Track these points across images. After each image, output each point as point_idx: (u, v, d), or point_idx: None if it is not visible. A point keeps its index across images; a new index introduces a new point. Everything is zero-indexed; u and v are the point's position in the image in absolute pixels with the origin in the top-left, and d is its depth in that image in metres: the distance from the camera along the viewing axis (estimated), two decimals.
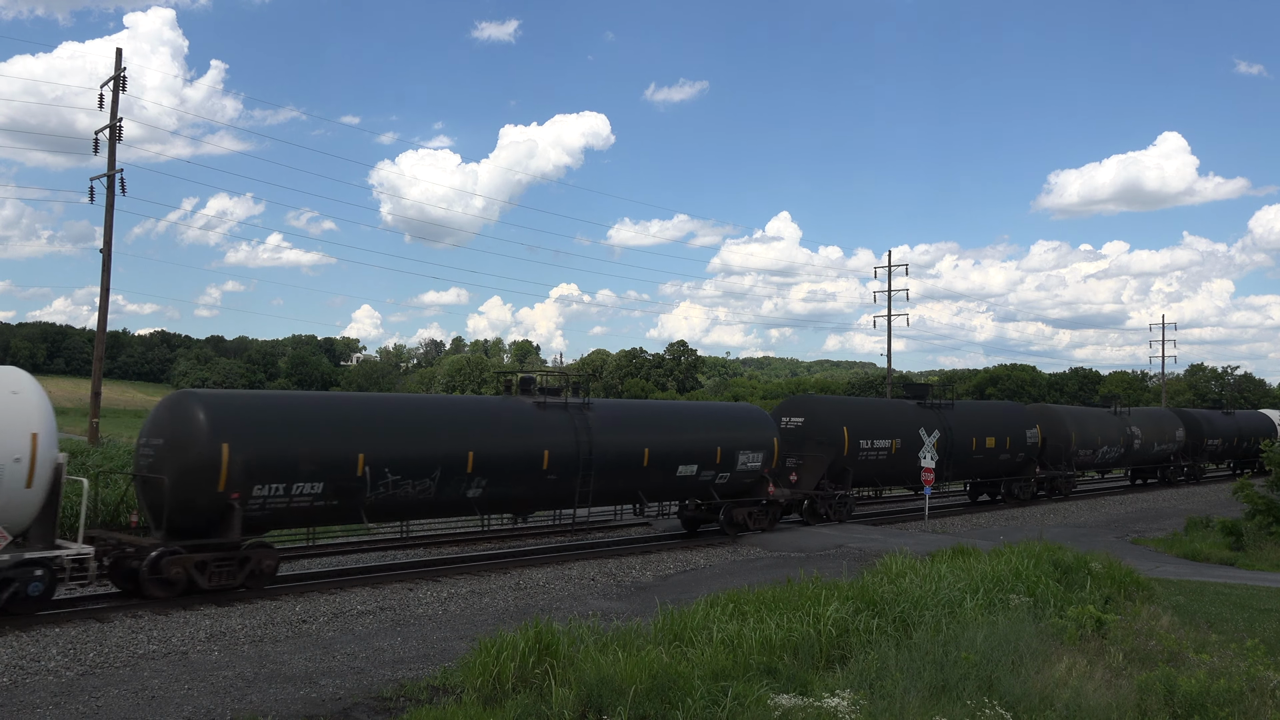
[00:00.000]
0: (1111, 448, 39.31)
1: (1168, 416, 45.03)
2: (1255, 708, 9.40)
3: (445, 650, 12.64)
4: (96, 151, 31.74)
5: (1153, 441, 42.08)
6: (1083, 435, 37.31)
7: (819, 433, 27.60)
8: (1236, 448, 50.19)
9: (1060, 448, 36.04)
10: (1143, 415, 42.59)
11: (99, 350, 31.08)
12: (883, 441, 28.85)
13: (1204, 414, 47.91)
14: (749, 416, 25.42)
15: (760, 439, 24.40)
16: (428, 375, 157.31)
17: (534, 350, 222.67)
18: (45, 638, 12.86)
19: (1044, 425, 36.04)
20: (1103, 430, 38.79)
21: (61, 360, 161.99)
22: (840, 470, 27.69)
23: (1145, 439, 41.41)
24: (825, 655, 11.37)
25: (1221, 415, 48.68)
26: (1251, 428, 51.25)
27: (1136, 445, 40.70)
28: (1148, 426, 42.02)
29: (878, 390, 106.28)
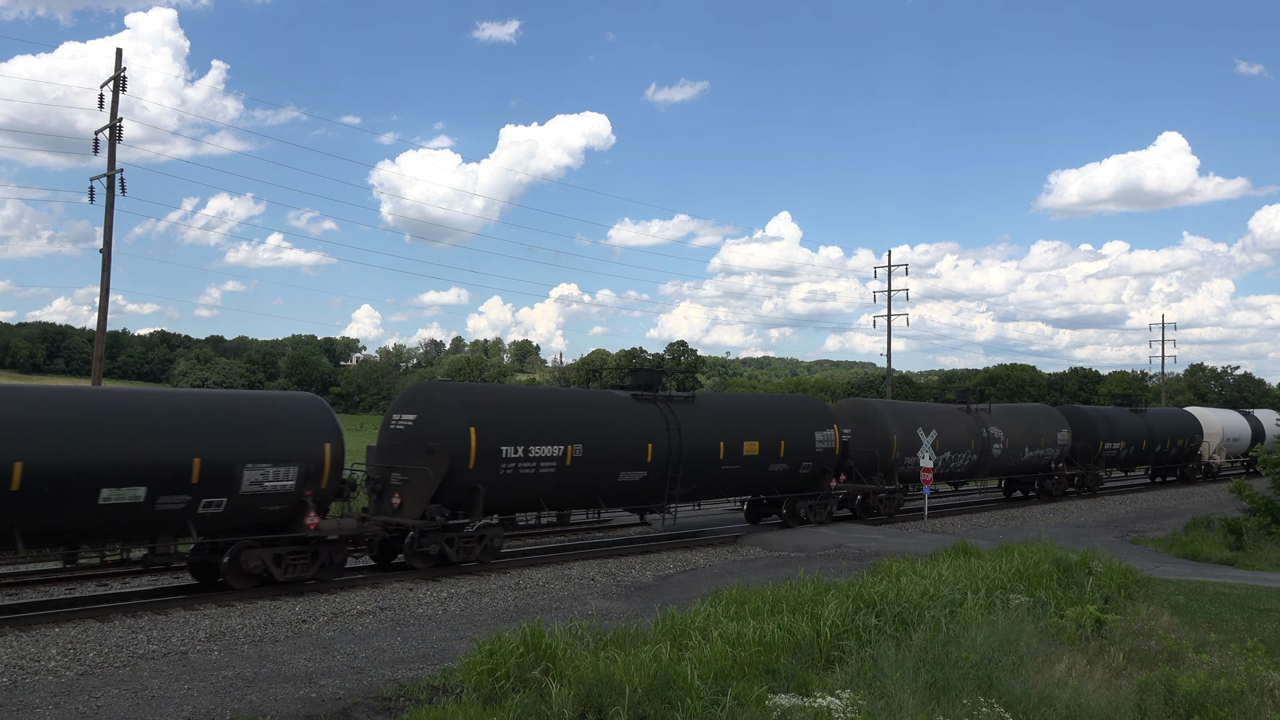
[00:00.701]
0: (958, 454, 30.93)
1: (1046, 415, 37.27)
2: (1255, 708, 9.40)
3: (445, 650, 12.64)
4: (96, 151, 31.75)
5: (1022, 446, 34.11)
6: (909, 439, 28.77)
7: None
8: (1147, 452, 42.75)
9: (878, 455, 27.98)
10: (1009, 414, 34.93)
11: (99, 350, 31.08)
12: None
13: (1100, 412, 41.11)
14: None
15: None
16: (427, 375, 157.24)
17: (534, 350, 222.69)
18: (45, 638, 12.86)
19: (855, 425, 28.40)
20: (945, 432, 30.21)
21: (61, 360, 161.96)
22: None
23: (1012, 443, 33.63)
24: (825, 655, 11.38)
25: (1128, 414, 42.44)
26: (1169, 428, 44.83)
27: (997, 450, 32.76)
28: (1015, 427, 34.13)
29: (878, 390, 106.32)
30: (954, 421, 31.29)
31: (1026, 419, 35.07)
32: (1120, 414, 41.75)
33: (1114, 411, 41.74)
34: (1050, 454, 35.65)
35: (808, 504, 25.90)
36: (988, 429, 32.36)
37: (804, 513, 25.83)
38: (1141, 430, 41.77)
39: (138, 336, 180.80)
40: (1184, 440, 45.80)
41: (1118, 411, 42.10)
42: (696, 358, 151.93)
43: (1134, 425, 41.06)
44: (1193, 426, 46.98)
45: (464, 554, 18.62)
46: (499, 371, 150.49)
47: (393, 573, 18.40)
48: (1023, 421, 34.64)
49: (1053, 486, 36.50)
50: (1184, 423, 46.68)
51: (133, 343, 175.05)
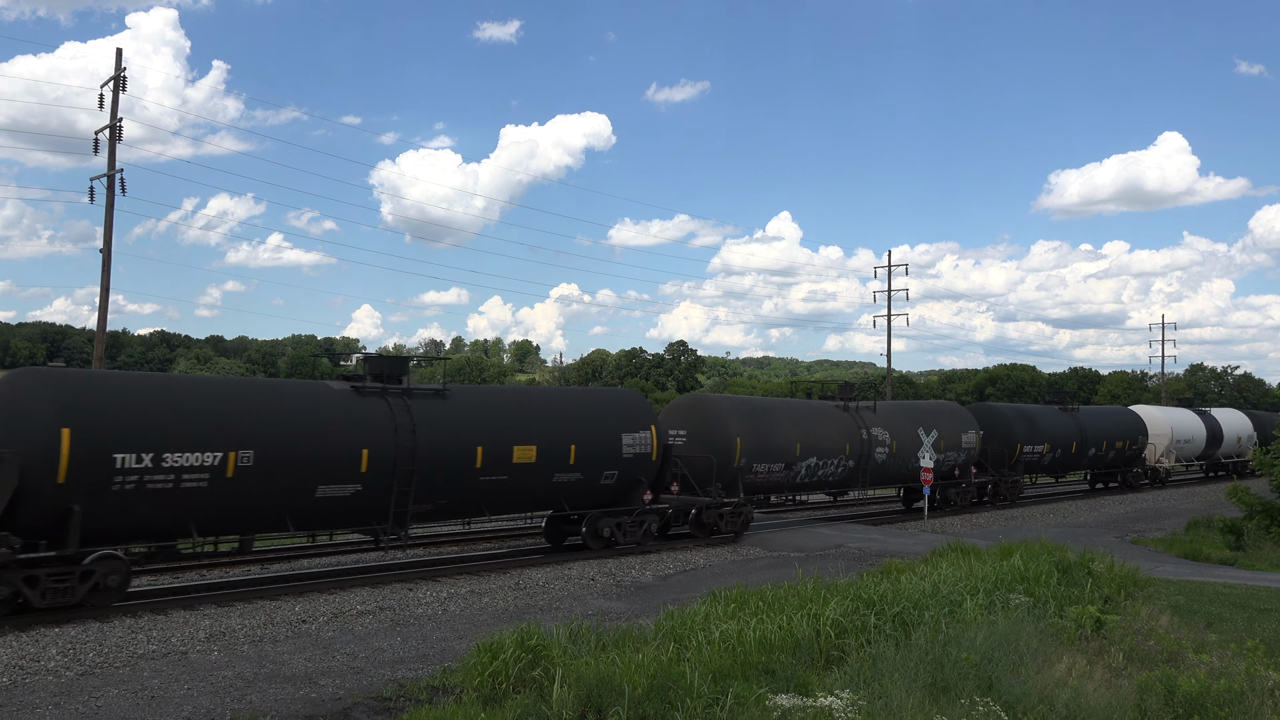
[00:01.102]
0: (827, 460, 25.95)
1: (949, 414, 31.52)
2: (1255, 708, 9.40)
3: (445, 650, 12.64)
4: (97, 151, 31.76)
5: (916, 450, 28.58)
6: (762, 443, 24.14)
7: None
8: (1078, 455, 37.88)
9: (714, 462, 22.94)
10: (898, 413, 29.49)
11: (99, 350, 31.07)
12: None
13: (1020, 411, 36.15)
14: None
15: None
16: (428, 376, 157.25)
17: (534, 350, 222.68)
18: (44, 638, 12.86)
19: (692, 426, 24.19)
20: (811, 434, 25.54)
21: (61, 360, 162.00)
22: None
23: (901, 446, 28.27)
24: (824, 655, 11.38)
25: (1056, 413, 37.48)
26: (1105, 429, 39.73)
27: (881, 455, 27.60)
28: (906, 428, 28.70)
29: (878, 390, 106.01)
30: (822, 421, 26.20)
31: (924, 418, 30.00)
32: (1046, 413, 37.00)
33: (1037, 410, 37.30)
34: (954, 459, 30.72)
35: (615, 522, 20.98)
36: (868, 430, 27.27)
37: (609, 532, 20.91)
38: (1071, 431, 36.88)
39: (138, 336, 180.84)
40: (1124, 442, 40.66)
41: (1043, 410, 37.50)
42: (696, 358, 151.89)
43: (1061, 425, 36.29)
44: (1135, 426, 41.95)
45: (56, 597, 13.99)
46: (499, 371, 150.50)
47: (393, 572, 18.40)
48: (915, 422, 29.44)
49: (957, 496, 31.72)
50: (1125, 423, 41.56)
51: (133, 343, 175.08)
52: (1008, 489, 34.13)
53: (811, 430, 25.68)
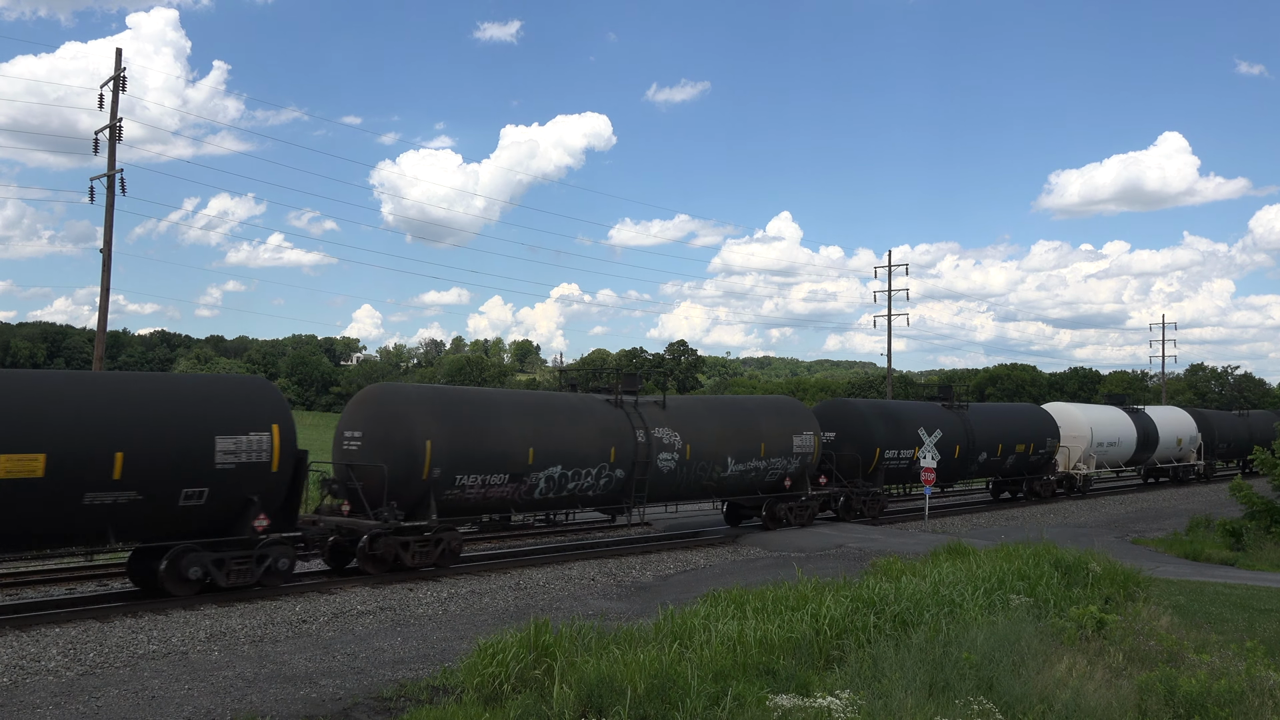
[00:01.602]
0: (584, 471, 20.47)
1: (778, 412, 25.62)
2: (1255, 708, 9.40)
3: (445, 650, 12.65)
4: (97, 152, 31.75)
5: (722, 456, 23.31)
6: (469, 447, 18.46)
7: None
8: (964, 461, 31.81)
9: (389, 475, 17.60)
10: (702, 411, 24.03)
11: (99, 350, 31.08)
12: None
13: (883, 409, 30.32)
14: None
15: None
16: (428, 375, 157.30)
17: (534, 350, 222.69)
18: (45, 638, 12.87)
19: (371, 426, 18.36)
20: (556, 438, 19.99)
21: (62, 360, 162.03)
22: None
23: (698, 451, 22.79)
24: (825, 655, 11.38)
25: (936, 410, 31.57)
26: (1002, 431, 33.63)
27: (668, 463, 22.08)
28: (707, 430, 23.23)
29: (878, 390, 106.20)
30: (575, 420, 20.48)
31: (732, 417, 24.27)
32: (921, 411, 31.18)
33: (910, 408, 31.72)
34: (780, 467, 24.87)
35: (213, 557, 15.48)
36: (650, 432, 21.64)
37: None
38: (953, 432, 30.55)
39: (138, 336, 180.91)
40: (1028, 445, 34.45)
41: (918, 408, 31.91)
42: (697, 358, 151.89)
43: (941, 426, 29.44)
44: (1043, 427, 35.77)
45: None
46: (499, 371, 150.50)
47: (392, 571, 18.38)
48: (722, 421, 23.82)
49: (788, 513, 25.56)
50: (1029, 423, 35.44)
51: (133, 342, 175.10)
52: (864, 503, 27.81)
53: (554, 431, 19.76)
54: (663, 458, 22.02)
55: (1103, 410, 41.25)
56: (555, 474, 19.93)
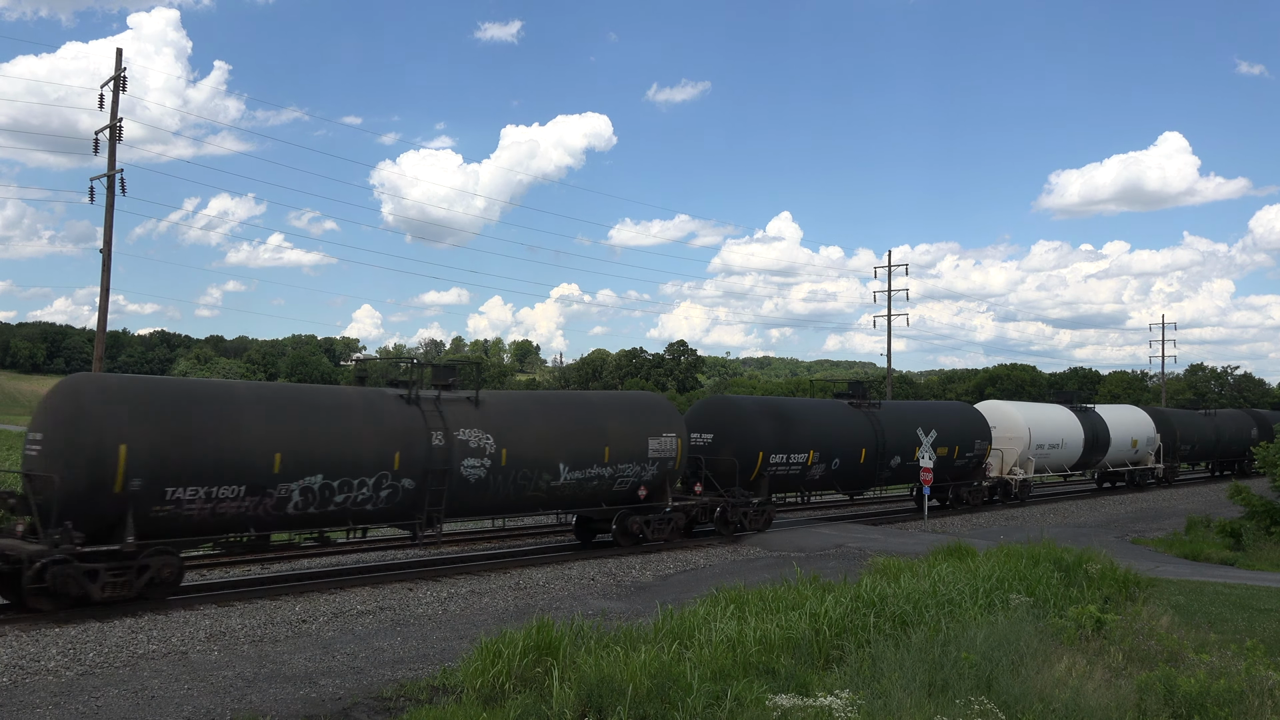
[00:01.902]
0: (353, 482, 16.90)
1: (625, 410, 21.88)
2: (1255, 708, 9.40)
3: (445, 650, 12.65)
4: (97, 152, 31.75)
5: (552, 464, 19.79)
6: (188, 454, 15.04)
7: None
8: (871, 466, 27.70)
9: (90, 489, 14.39)
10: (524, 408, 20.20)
11: (99, 350, 31.09)
12: None
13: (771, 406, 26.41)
14: None
15: None
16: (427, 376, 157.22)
17: (534, 350, 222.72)
18: (45, 638, 12.87)
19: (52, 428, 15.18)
20: (309, 442, 16.40)
21: (61, 360, 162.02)
22: None
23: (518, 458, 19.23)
24: (824, 655, 11.39)
25: (840, 409, 27.72)
26: (911, 432, 28.90)
27: (475, 471, 18.52)
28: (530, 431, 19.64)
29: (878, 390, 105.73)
30: (344, 419, 16.96)
31: (567, 417, 20.43)
32: (821, 410, 27.37)
33: (805, 406, 27.42)
34: (634, 474, 21.12)
35: None
36: (451, 433, 18.04)
37: None
38: (859, 433, 27.25)
39: (138, 336, 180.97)
40: (951, 448, 30.51)
41: (817, 406, 27.92)
42: (697, 358, 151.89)
43: (844, 427, 26.87)
44: (970, 428, 31.78)
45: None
46: (499, 371, 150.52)
47: (393, 572, 18.42)
48: (552, 421, 20.08)
49: (644, 528, 21.56)
50: (953, 423, 31.15)
51: (133, 343, 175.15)
52: (743, 515, 23.76)
53: (312, 433, 16.41)
54: (469, 464, 18.34)
55: (1045, 409, 37.40)
56: (315, 485, 16.28)
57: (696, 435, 24.39)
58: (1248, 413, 54.79)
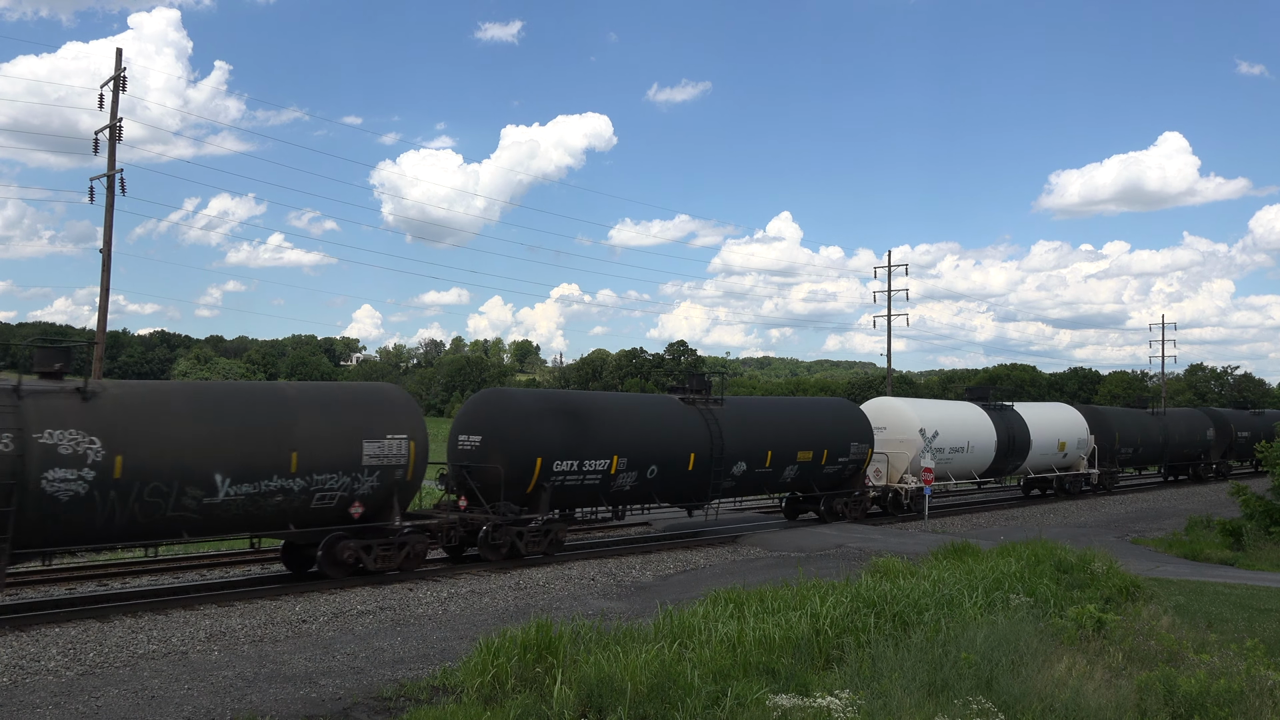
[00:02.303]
0: None
1: (320, 401, 17.46)
2: (1255, 708, 9.40)
3: (445, 650, 12.65)
4: (96, 152, 31.73)
5: (179, 484, 15.10)
6: None
7: None
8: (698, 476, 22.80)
9: None
10: (153, 406, 15.56)
11: (99, 350, 31.07)
12: None
13: (557, 402, 21.48)
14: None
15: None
16: (428, 376, 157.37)
17: (534, 350, 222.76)
18: (45, 638, 12.87)
19: None
20: None
21: None
22: None
23: (166, 471, 15.03)
24: (825, 655, 11.39)
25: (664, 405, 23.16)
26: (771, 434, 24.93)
27: (69, 489, 14.07)
28: (167, 436, 15.15)
29: (878, 391, 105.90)
30: None
31: (230, 413, 16.08)
32: (627, 407, 22.48)
33: (603, 403, 22.16)
34: (341, 487, 16.80)
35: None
36: (28, 437, 13.77)
37: None
38: (690, 436, 22.46)
39: (138, 336, 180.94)
40: (818, 453, 25.85)
41: (624, 403, 23.29)
42: (697, 358, 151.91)
43: (665, 428, 22.15)
44: (848, 430, 27.20)
45: None
46: (499, 372, 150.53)
47: (395, 570, 18.39)
48: (200, 416, 15.67)
49: (363, 553, 17.27)
50: (822, 424, 26.63)
51: (133, 343, 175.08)
52: (517, 536, 19.61)
53: None
54: (57, 478, 13.88)
55: (948, 407, 33.01)
56: None
57: (464, 438, 20.21)
58: (1204, 412, 50.63)
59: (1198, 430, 47.27)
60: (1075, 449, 37.17)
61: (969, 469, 32.12)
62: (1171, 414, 46.38)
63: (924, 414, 30.22)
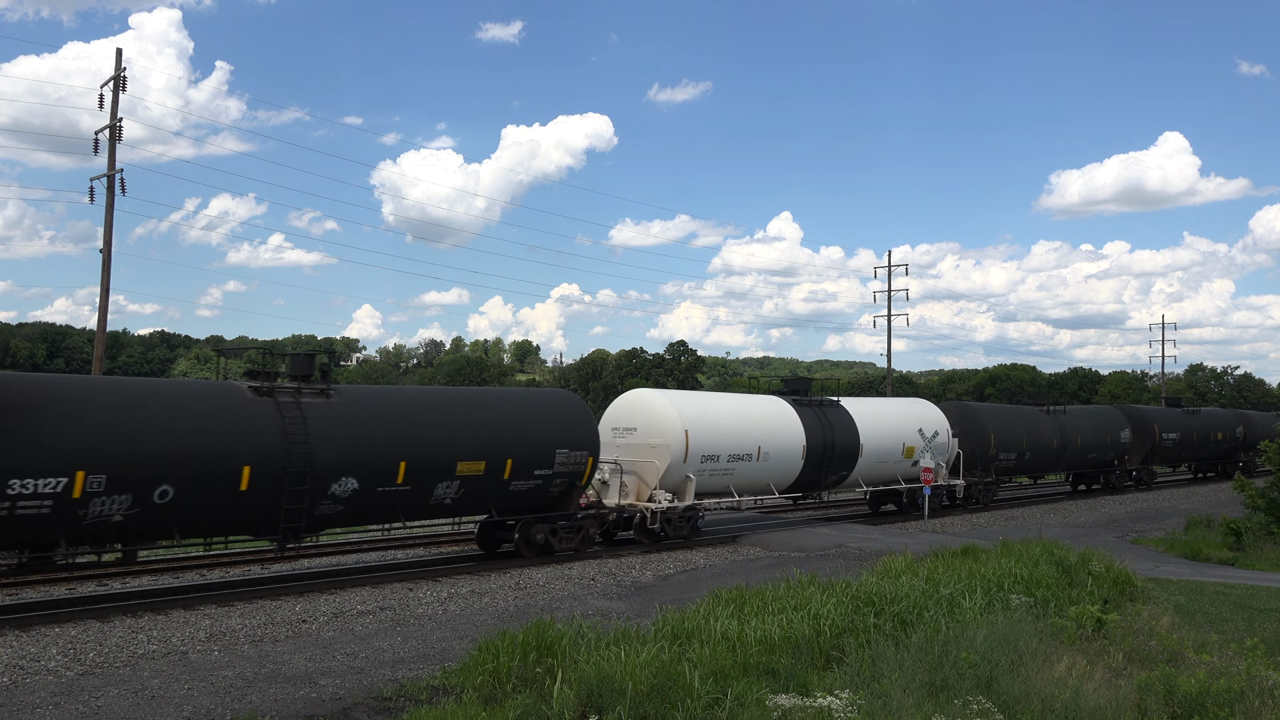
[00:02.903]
0: None
1: None
2: (1255, 708, 9.40)
3: (445, 650, 12.65)
4: (96, 152, 31.73)
5: None
6: None
7: None
8: (280, 495, 15.78)
9: None
10: None
11: (99, 350, 31.08)
12: None
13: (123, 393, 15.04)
14: None
15: None
16: (428, 376, 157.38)
17: (534, 350, 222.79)
18: (45, 638, 12.87)
19: None
20: None
21: (61, 360, 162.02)
22: None
23: None
24: (824, 655, 11.39)
25: (228, 397, 16.02)
26: (387, 437, 17.32)
27: None
28: None
29: (878, 390, 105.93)
30: None
31: None
32: (137, 396, 15.22)
33: (67, 387, 14.61)
34: None
35: None
36: None
37: None
38: (259, 441, 15.70)
39: (138, 336, 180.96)
40: (495, 464, 18.78)
41: (107, 388, 15.17)
42: (697, 358, 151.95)
43: (209, 429, 15.31)
44: (556, 431, 20.01)
45: None
46: (500, 371, 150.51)
47: (393, 572, 18.40)
48: None
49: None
50: (510, 422, 19.49)
51: (133, 343, 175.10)
52: None
53: None
54: None
55: (729, 401, 25.39)
56: None
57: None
58: (1119, 409, 42.65)
59: (1108, 431, 39.31)
60: (933, 455, 29.69)
61: (761, 482, 24.81)
62: (1074, 412, 39.03)
63: (688, 411, 22.93)
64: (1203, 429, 45.46)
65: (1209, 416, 47.35)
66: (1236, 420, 49.88)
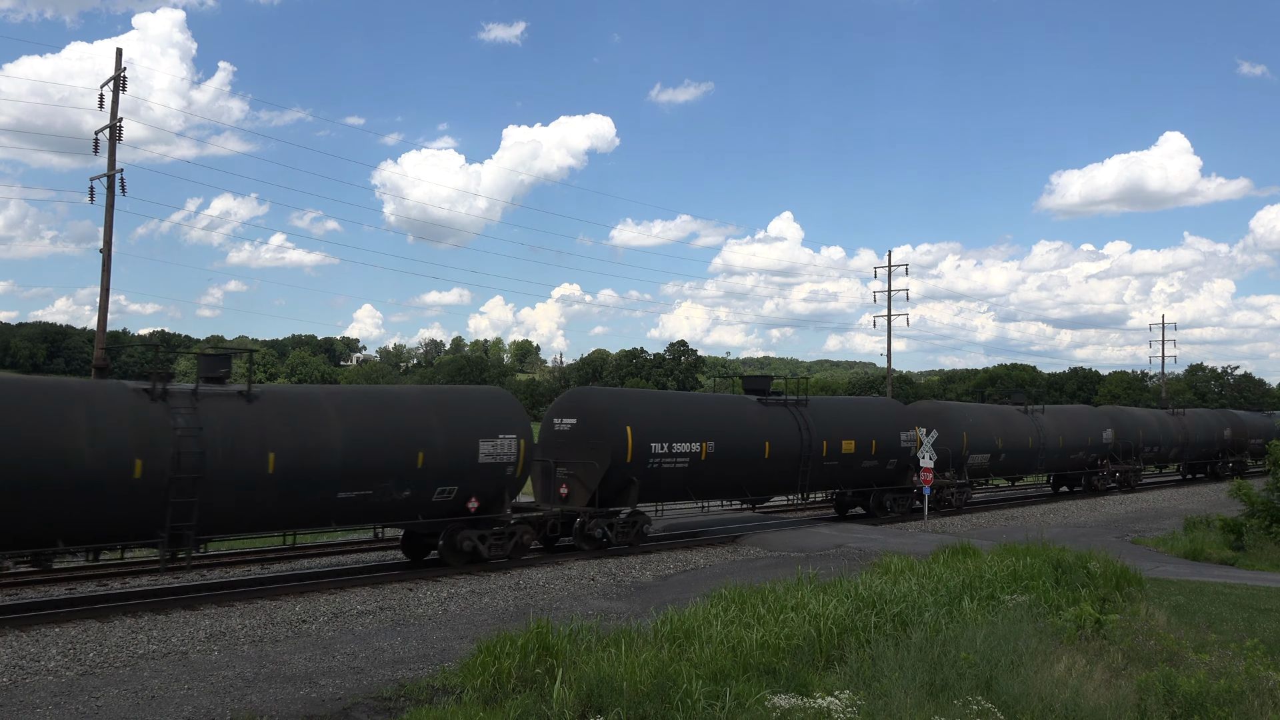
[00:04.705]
0: None
1: None
2: (1255, 708, 9.40)
3: (445, 650, 12.65)
4: (97, 151, 31.71)
5: None
6: None
7: None
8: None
9: None
10: None
11: (99, 350, 31.06)
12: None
13: None
14: None
15: None
16: (428, 376, 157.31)
17: (534, 350, 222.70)
18: (45, 638, 12.87)
19: None
20: None
21: (61, 360, 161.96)
22: None
23: None
24: (824, 655, 11.39)
25: None
26: None
27: None
28: None
29: (878, 390, 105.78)
30: None
31: None
32: None
33: None
34: None
35: None
36: None
37: None
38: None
39: (138, 336, 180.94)
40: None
41: None
42: (697, 358, 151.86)
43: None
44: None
45: None
46: (500, 371, 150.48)
47: (393, 572, 18.40)
48: None
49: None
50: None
51: (133, 343, 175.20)
52: None
53: None
54: None
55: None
56: None
57: None
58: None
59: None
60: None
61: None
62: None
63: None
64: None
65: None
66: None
